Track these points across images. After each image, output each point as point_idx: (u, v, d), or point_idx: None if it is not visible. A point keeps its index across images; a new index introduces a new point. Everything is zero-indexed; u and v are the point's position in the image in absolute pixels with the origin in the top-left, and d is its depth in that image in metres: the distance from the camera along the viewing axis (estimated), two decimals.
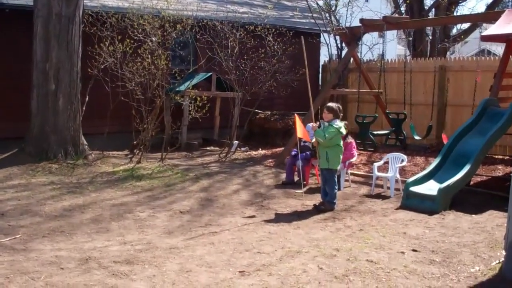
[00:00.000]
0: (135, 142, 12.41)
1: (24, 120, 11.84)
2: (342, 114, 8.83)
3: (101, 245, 6.65)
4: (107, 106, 12.34)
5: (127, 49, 11.79)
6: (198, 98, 12.09)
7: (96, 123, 12.74)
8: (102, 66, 12.16)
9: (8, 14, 12.75)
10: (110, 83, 12.26)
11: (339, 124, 8.60)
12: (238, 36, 13.78)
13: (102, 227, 7.50)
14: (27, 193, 9.23)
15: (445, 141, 12.10)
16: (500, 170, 11.80)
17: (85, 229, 7.36)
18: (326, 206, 8.65)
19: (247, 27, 14.38)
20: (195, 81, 14.04)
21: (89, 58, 12.17)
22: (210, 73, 14.89)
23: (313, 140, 9.04)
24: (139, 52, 11.83)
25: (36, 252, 6.36)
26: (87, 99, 12.36)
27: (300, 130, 9.74)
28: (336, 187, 8.82)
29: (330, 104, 8.83)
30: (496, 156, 12.93)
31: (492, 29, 10.78)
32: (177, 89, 13.55)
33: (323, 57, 19.13)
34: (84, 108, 12.21)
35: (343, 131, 8.66)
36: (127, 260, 6.10)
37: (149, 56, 11.83)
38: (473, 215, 8.40)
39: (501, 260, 6.01)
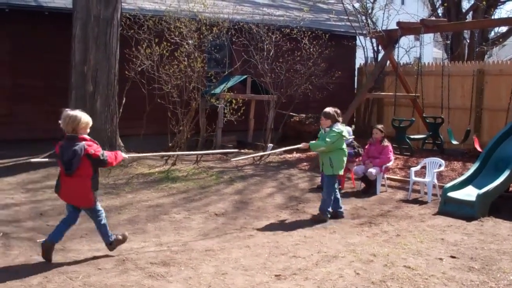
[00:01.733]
0: (170, 144, 12.49)
1: None
2: (341, 118, 8.44)
3: (137, 246, 6.71)
4: (144, 108, 12.46)
5: (164, 51, 11.89)
6: (234, 101, 12.11)
7: (133, 125, 12.86)
8: (139, 69, 12.29)
9: (46, 16, 12.99)
10: (147, 86, 12.38)
11: (341, 127, 8.24)
12: (273, 39, 13.76)
13: (139, 228, 7.56)
14: None
15: (476, 145, 11.91)
16: None
17: (121, 230, 7.39)
18: (320, 216, 8.20)
19: (282, 30, 14.38)
20: (230, 83, 14.08)
21: (127, 61, 12.33)
22: (246, 76, 14.91)
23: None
24: (176, 54, 11.92)
25: (74, 252, 6.44)
26: (124, 101, 12.49)
27: None
28: (333, 195, 8.28)
29: (326, 109, 8.29)
30: None
31: None
32: (213, 91, 13.61)
33: (359, 60, 19.02)
34: (121, 110, 12.35)
35: (346, 134, 8.32)
36: (163, 262, 6.13)
37: (186, 58, 11.91)
38: None
39: None
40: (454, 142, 13.19)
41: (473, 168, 9.67)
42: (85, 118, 6.04)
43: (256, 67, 13.83)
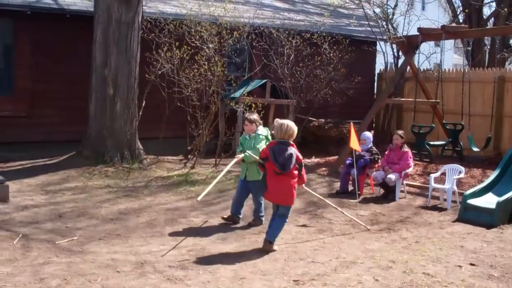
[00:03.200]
0: (189, 148, 12.54)
1: (82, 124, 12.15)
2: (262, 121, 8.27)
3: (156, 249, 6.72)
4: (163, 111, 12.51)
5: (184, 55, 11.94)
6: (253, 105, 12.13)
7: (152, 128, 12.91)
8: (159, 72, 12.35)
9: (68, 19, 13.12)
10: (167, 89, 12.43)
11: (264, 130, 8.04)
12: (294, 44, 13.78)
13: (157, 231, 7.58)
14: (84, 195, 9.44)
15: None
16: None
17: (140, 232, 7.46)
18: (255, 221, 8.05)
19: (303, 34, 14.37)
20: (250, 88, 14.10)
21: (147, 64, 12.39)
22: (265, 80, 14.91)
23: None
24: (196, 58, 11.96)
25: (92, 254, 6.47)
26: (143, 104, 12.57)
27: (353, 141, 9.68)
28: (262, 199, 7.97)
29: (248, 115, 8.08)
30: None
31: None
32: (232, 95, 13.63)
33: (379, 66, 18.93)
34: (140, 113, 12.42)
35: (270, 137, 7.96)
36: (181, 265, 6.15)
37: (206, 62, 11.95)
38: None
39: None
40: (475, 149, 13.07)
41: (493, 175, 9.58)
42: (296, 128, 7.07)
43: (276, 71, 13.85)
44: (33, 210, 8.37)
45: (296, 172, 6.91)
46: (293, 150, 6.82)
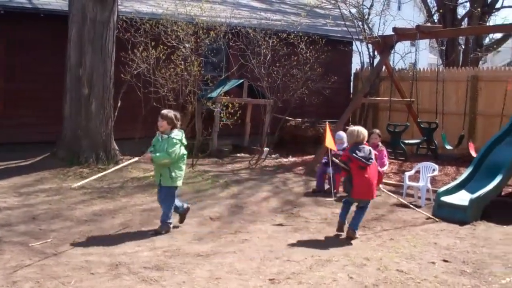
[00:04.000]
0: None
1: (58, 124, 12.03)
2: (179, 123, 7.68)
3: (131, 251, 6.69)
4: (139, 111, 12.46)
5: (160, 55, 11.91)
6: (230, 105, 12.13)
7: (128, 128, 12.85)
8: (135, 72, 12.29)
9: (42, 19, 12.97)
10: (143, 89, 12.38)
11: (179, 133, 7.54)
12: (270, 44, 13.80)
13: (132, 232, 7.54)
14: (58, 197, 9.36)
15: (471, 149, 11.95)
16: None
17: (115, 234, 7.42)
18: (162, 228, 7.51)
19: (280, 34, 14.39)
20: (227, 87, 14.10)
21: (123, 64, 12.33)
22: (242, 80, 14.94)
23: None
24: (172, 58, 11.93)
25: (66, 256, 6.41)
26: (119, 104, 12.50)
27: (328, 140, 9.73)
28: (173, 206, 7.65)
29: (164, 111, 7.59)
30: None
31: None
32: (209, 95, 13.63)
33: (355, 65, 19.06)
34: (116, 113, 12.34)
35: (184, 141, 7.64)
36: (157, 266, 6.13)
37: (182, 62, 11.92)
38: (505, 226, 8.28)
39: None
40: (448, 147, 13.24)
41: (466, 173, 9.72)
42: (366, 132, 7.78)
43: (253, 71, 13.86)
44: (6, 213, 8.26)
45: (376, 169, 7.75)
46: (369, 147, 7.67)
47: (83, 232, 7.44)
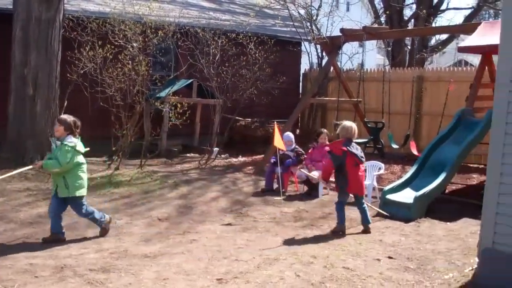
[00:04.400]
0: (114, 148, 12.35)
1: (3, 126, 11.78)
2: (78, 131, 7.14)
3: (76, 253, 6.60)
4: (86, 111, 12.24)
5: (108, 54, 11.76)
6: (179, 105, 12.07)
7: None
8: (82, 72, 12.08)
9: None
10: (90, 89, 12.19)
11: (74, 140, 6.95)
12: (219, 44, 13.80)
13: (78, 234, 7.44)
14: (2, 199, 9.16)
15: (412, 148, 12.25)
16: (474, 179, 11.98)
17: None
18: (103, 231, 7.36)
19: (229, 34, 14.43)
20: (175, 87, 14.03)
21: (69, 63, 12.10)
22: (191, 80, 14.89)
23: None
24: (120, 57, 11.80)
25: (10, 259, 6.28)
26: (65, 104, 12.25)
27: (277, 140, 9.83)
28: (92, 212, 7.24)
29: (63, 116, 7.20)
30: (471, 165, 13.08)
31: (468, 41, 10.96)
32: (158, 95, 13.53)
33: (304, 66, 19.25)
34: (62, 113, 12.09)
35: (81, 148, 7.04)
36: (103, 268, 6.06)
37: (130, 62, 11.80)
38: (448, 223, 8.49)
39: (474, 267, 6.06)
40: (394, 146, 13.51)
41: (411, 171, 9.95)
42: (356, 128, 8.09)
43: (202, 71, 13.84)
44: None
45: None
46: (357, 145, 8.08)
47: (28, 234, 7.30)
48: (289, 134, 11.15)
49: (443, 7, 22.98)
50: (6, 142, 11.48)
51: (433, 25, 21.68)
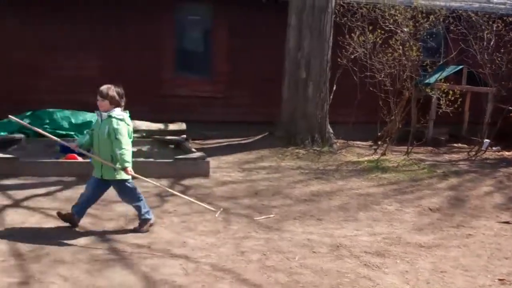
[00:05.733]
0: (380, 134, 12.28)
1: (272, 106, 12.52)
2: (124, 99, 6.12)
3: (350, 234, 6.66)
4: (354, 96, 12.37)
5: (377, 39, 11.68)
6: (450, 92, 11.51)
7: (342, 112, 12.87)
8: (352, 56, 12.22)
9: (263, 5, 13.38)
10: (359, 73, 12.27)
11: (122, 113, 6.08)
12: (494, 28, 12.84)
13: (350, 215, 7.51)
14: (277, 175, 9.64)
15: None
16: None
17: (333, 215, 7.44)
18: (142, 224, 6.31)
19: (505, 18, 13.36)
20: (445, 73, 13.45)
21: (339, 48, 12.32)
22: (461, 66, 14.14)
23: None
24: (390, 43, 11.64)
25: (288, 233, 6.57)
26: (334, 88, 12.54)
27: None
28: (140, 196, 6.32)
29: (103, 87, 6.04)
30: None
31: None
32: (426, 81, 13.11)
33: None
34: (331, 97, 12.41)
35: (129, 121, 6.14)
36: (377, 252, 6.01)
37: (400, 47, 11.57)
38: None
39: None
40: None
41: None
42: None
43: (474, 57, 13.03)
44: (231, 186, 8.74)
45: None
46: None
47: (303, 210, 7.58)
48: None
49: None
50: (280, 122, 12.12)
51: None
